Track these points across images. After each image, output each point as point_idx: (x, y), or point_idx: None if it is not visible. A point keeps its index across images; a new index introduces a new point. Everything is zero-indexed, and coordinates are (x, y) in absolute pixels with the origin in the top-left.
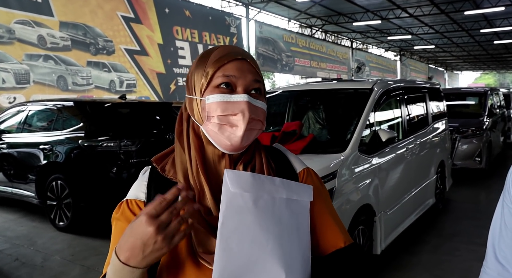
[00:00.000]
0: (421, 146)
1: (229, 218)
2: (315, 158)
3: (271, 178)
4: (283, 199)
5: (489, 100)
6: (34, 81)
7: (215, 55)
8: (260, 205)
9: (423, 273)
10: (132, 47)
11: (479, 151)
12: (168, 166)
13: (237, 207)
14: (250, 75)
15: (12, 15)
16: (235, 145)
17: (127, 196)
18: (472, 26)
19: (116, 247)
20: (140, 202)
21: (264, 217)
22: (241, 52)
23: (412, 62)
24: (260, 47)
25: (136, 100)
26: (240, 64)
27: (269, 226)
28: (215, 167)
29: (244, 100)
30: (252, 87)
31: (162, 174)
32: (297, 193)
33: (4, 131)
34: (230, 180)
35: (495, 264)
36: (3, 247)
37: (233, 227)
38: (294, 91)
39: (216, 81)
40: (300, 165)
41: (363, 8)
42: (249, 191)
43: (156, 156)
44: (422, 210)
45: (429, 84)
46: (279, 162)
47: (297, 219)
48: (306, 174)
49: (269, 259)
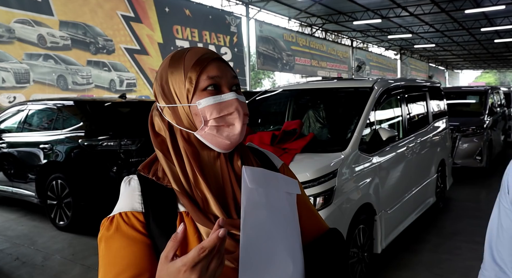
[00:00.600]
0: (421, 145)
1: (249, 214)
2: (315, 157)
3: (274, 174)
4: (284, 193)
5: (490, 99)
6: (34, 80)
7: (190, 59)
8: (270, 200)
9: (424, 272)
10: (132, 46)
11: (480, 150)
12: (161, 173)
13: (255, 202)
14: (229, 72)
15: (12, 14)
16: (234, 143)
17: (118, 209)
18: (473, 25)
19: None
20: (138, 213)
21: (274, 211)
22: (213, 52)
23: (413, 61)
24: (260, 46)
25: (136, 99)
26: (218, 63)
27: (278, 220)
28: (212, 169)
29: (234, 98)
30: (233, 83)
31: (158, 182)
32: (291, 187)
33: (4, 130)
34: (248, 177)
35: (492, 266)
36: (4, 247)
37: (253, 223)
38: (294, 90)
39: (202, 84)
40: (277, 161)
41: (363, 7)
42: (262, 186)
43: (142, 165)
44: (422, 209)
45: (430, 83)
46: (260, 158)
47: (292, 211)
48: (286, 169)
49: (280, 251)
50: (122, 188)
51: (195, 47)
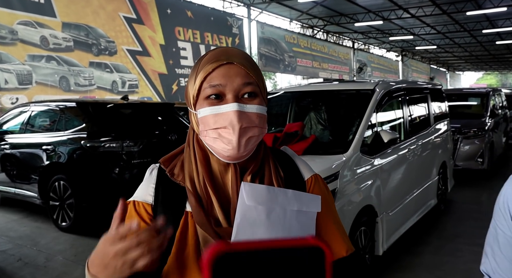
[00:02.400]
0: (423, 147)
1: (242, 231)
2: (317, 159)
3: (284, 190)
4: (294, 212)
5: (491, 101)
6: (36, 81)
7: (203, 64)
8: (272, 218)
9: (425, 274)
10: (134, 47)
11: (481, 152)
12: (177, 170)
13: (251, 219)
14: (239, 79)
15: (15, 16)
16: (232, 156)
17: (134, 197)
18: (474, 27)
19: (89, 258)
20: (148, 205)
21: (275, 230)
22: (229, 55)
23: (414, 63)
24: (262, 48)
25: (138, 101)
26: (227, 69)
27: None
28: (222, 178)
29: (233, 110)
30: (243, 91)
31: (171, 178)
32: (307, 204)
33: (7, 131)
34: (246, 193)
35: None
36: (6, 247)
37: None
38: (296, 92)
39: (205, 92)
40: (308, 172)
41: (364, 8)
42: (263, 204)
43: (165, 157)
44: (424, 211)
45: (431, 85)
46: (287, 168)
47: (304, 230)
48: (314, 182)
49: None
50: (146, 175)
51: (218, 48)
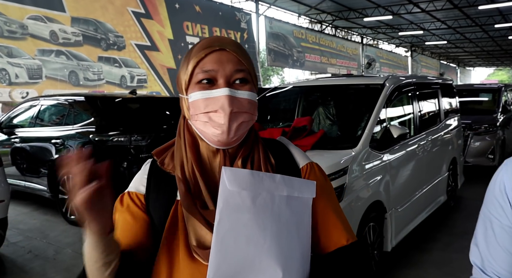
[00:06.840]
0: (433, 142)
1: (226, 217)
2: (325, 154)
3: (271, 175)
4: (283, 197)
5: (503, 97)
6: (46, 76)
7: (195, 50)
8: (258, 203)
9: (434, 270)
10: (143, 42)
11: (492, 148)
12: (167, 160)
13: (235, 205)
14: (230, 65)
15: (25, 11)
16: (222, 141)
17: (129, 188)
18: (486, 21)
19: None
20: (141, 195)
21: (262, 216)
22: (221, 42)
23: (423, 58)
24: (270, 43)
25: (147, 95)
26: (219, 55)
27: (267, 224)
28: (210, 163)
29: (224, 95)
30: (234, 77)
31: (161, 167)
32: (299, 189)
33: (17, 125)
34: (227, 178)
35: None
36: (17, 240)
37: (229, 226)
38: (304, 87)
39: (197, 77)
40: (303, 160)
41: (374, 3)
42: (247, 189)
43: (157, 149)
44: (433, 207)
45: (442, 80)
46: (281, 156)
47: (297, 216)
48: (309, 169)
49: (266, 257)
50: (142, 167)
51: (210, 37)
